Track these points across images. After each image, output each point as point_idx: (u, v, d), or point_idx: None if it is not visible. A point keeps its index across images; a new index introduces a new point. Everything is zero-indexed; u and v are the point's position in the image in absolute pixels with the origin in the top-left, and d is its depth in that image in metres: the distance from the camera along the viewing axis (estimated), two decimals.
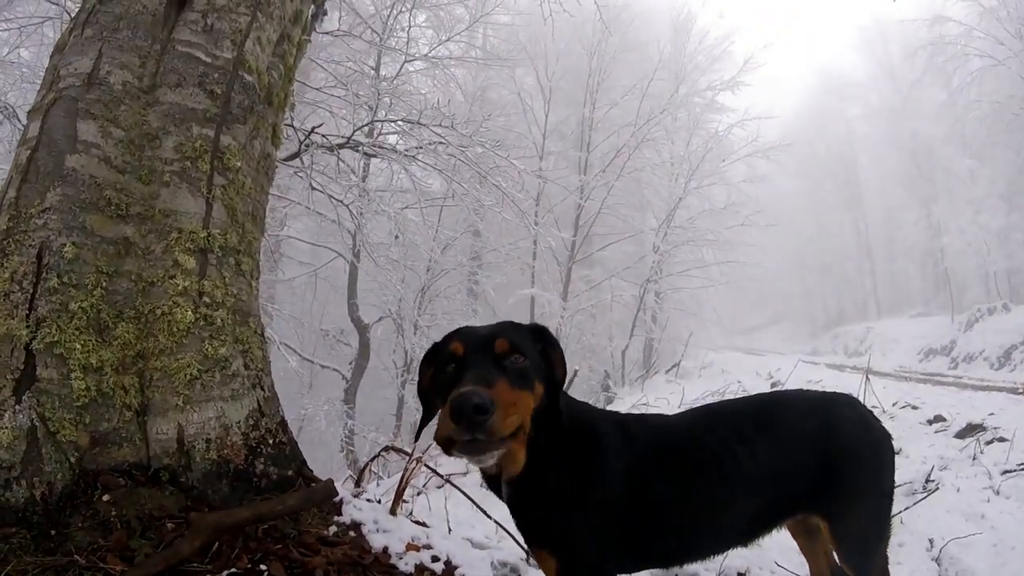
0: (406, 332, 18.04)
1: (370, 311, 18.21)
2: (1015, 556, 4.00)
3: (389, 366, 19.22)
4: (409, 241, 14.32)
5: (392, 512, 3.17)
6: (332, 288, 19.75)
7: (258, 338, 3.10)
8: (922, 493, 5.28)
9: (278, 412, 3.14)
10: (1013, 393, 11.41)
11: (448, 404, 1.66)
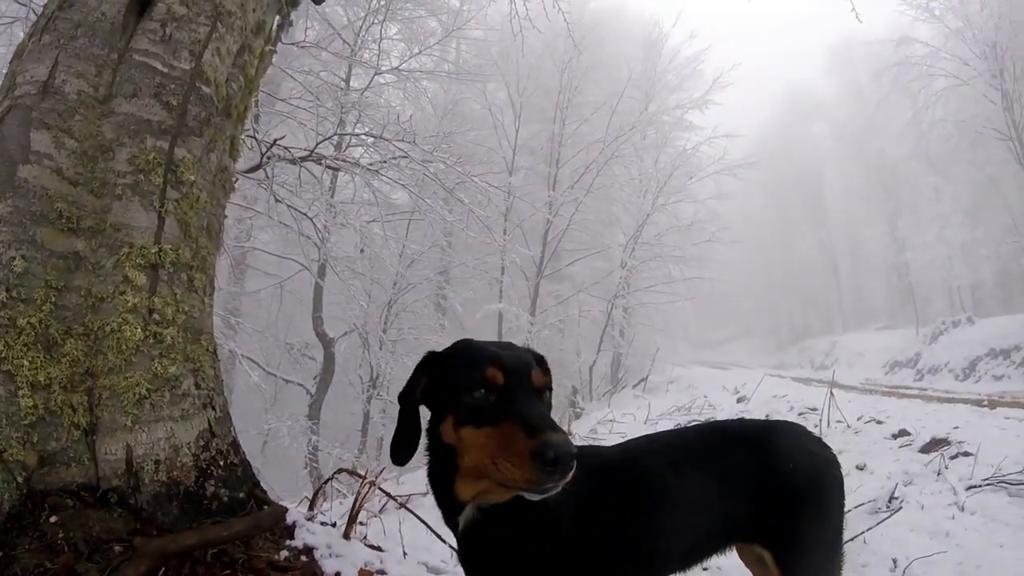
0: (372, 347, 17.87)
1: (336, 325, 18.01)
2: (980, 574, 3.99)
3: (355, 381, 18.99)
4: (375, 255, 14.23)
5: (346, 536, 3.11)
6: (298, 301, 19.50)
7: (210, 356, 3.03)
8: (886, 512, 5.26)
9: (230, 432, 3.07)
10: (978, 406, 11.55)
11: (538, 449, 1.59)
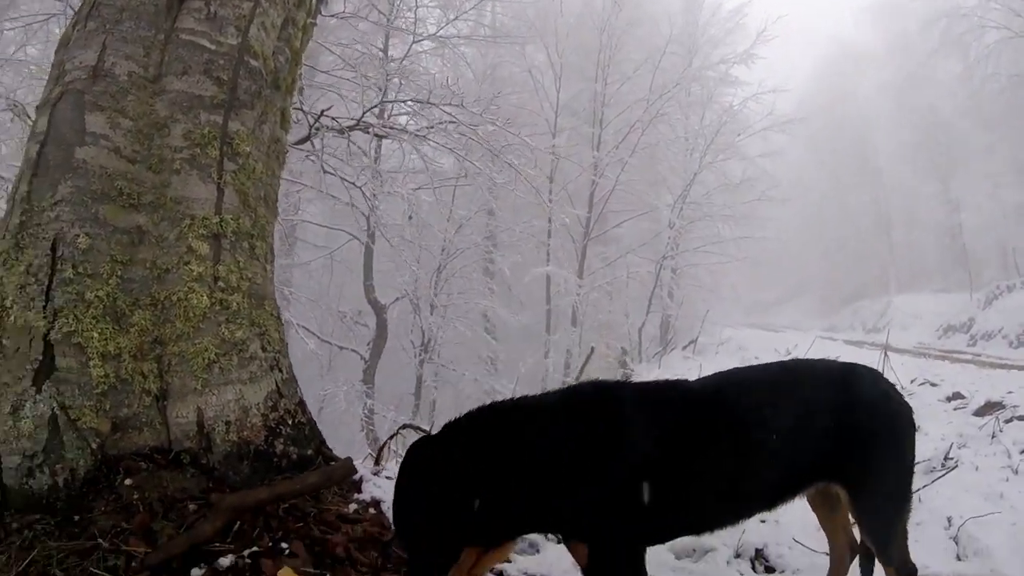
0: (423, 312, 18.16)
1: (387, 292, 18.31)
2: None
3: (407, 346, 19.35)
4: (423, 222, 14.35)
5: None
6: (348, 270, 19.84)
7: (274, 320, 3.14)
8: (940, 471, 5.20)
9: (296, 393, 3.18)
10: None
11: None
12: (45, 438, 2.48)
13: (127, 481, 2.58)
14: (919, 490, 4.69)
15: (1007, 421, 6.58)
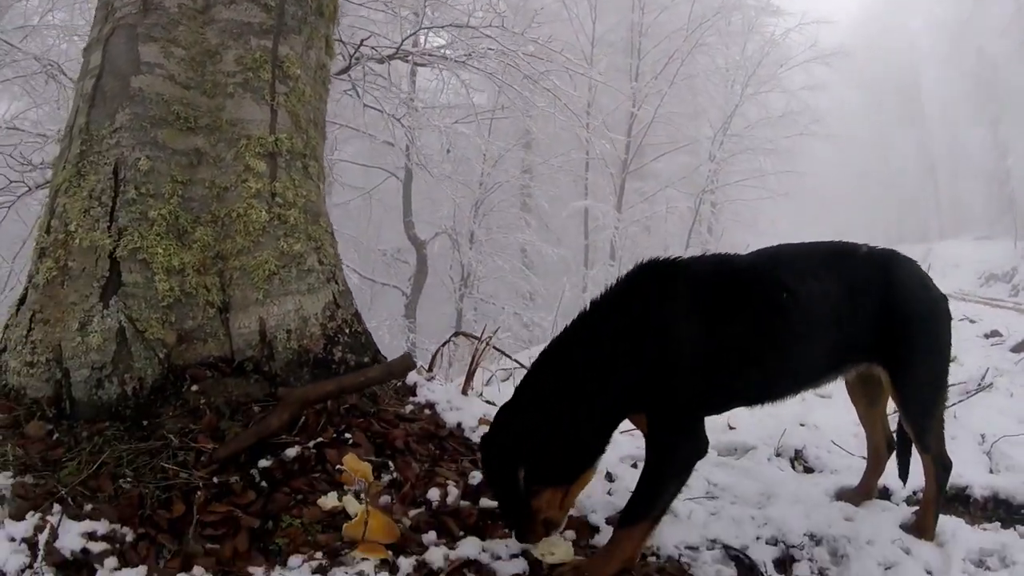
0: (462, 247, 18.34)
1: (425, 228, 18.51)
2: None
3: (447, 281, 19.64)
4: (460, 156, 14.34)
5: (464, 392, 3.38)
6: (385, 209, 20.04)
7: (329, 236, 3.26)
8: (975, 392, 5.31)
9: (352, 304, 3.32)
10: None
11: None
12: (113, 350, 2.62)
13: (194, 388, 2.73)
14: (955, 405, 4.77)
15: None
